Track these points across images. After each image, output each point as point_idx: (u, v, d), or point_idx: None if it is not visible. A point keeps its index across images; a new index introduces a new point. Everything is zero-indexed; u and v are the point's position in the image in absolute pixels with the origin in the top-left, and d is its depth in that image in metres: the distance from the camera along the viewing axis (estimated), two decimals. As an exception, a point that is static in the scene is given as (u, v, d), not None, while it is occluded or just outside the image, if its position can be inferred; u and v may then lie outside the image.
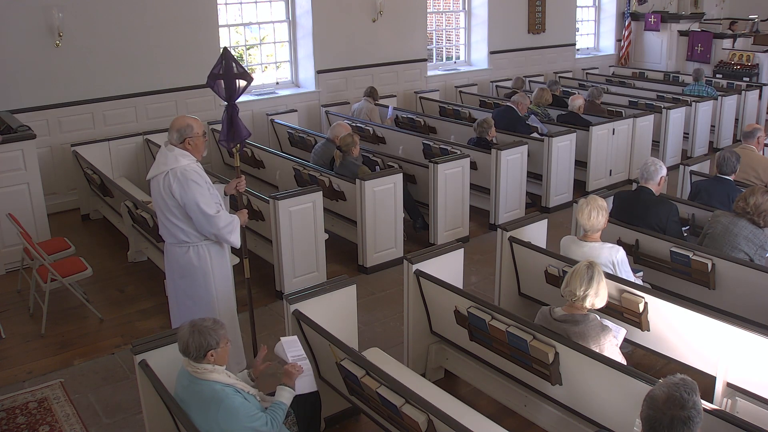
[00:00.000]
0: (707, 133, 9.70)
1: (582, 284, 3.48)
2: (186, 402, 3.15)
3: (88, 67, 7.67)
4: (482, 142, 7.24)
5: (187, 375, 3.16)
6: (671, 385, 2.18)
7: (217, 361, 3.13)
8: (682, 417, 2.11)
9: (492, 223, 6.98)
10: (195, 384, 3.12)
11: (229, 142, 4.38)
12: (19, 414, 4.19)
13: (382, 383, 3.28)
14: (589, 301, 3.51)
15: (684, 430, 2.12)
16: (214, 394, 3.08)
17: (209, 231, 4.01)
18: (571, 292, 3.52)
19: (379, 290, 5.82)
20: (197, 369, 3.11)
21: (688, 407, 2.13)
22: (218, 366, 3.14)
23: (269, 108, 9.07)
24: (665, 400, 2.15)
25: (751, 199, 4.57)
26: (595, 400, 3.39)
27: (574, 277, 3.51)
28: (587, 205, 4.21)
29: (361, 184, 5.90)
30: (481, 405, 4.04)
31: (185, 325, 3.14)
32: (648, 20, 13.46)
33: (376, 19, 9.93)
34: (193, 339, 3.08)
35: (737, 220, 4.65)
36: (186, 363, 3.15)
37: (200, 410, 3.09)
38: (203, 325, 3.12)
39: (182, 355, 3.15)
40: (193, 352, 3.08)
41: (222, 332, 3.15)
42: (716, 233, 4.72)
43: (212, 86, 4.23)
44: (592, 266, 3.52)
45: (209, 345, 3.09)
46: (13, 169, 6.16)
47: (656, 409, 2.15)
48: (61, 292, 5.43)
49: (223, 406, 3.05)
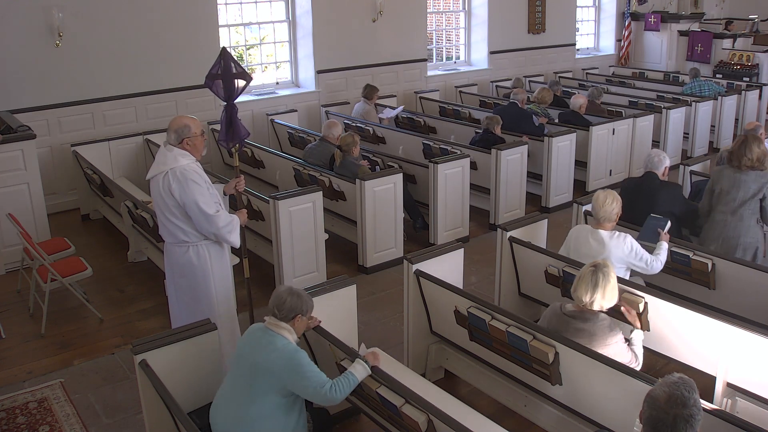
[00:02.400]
0: (707, 133, 9.70)
1: (587, 291, 3.50)
2: (250, 350, 3.29)
3: (88, 67, 7.67)
4: (489, 135, 7.26)
5: (261, 329, 3.32)
6: (671, 385, 2.17)
7: (298, 327, 3.35)
8: (685, 415, 2.11)
9: (492, 223, 6.98)
10: (269, 335, 3.28)
11: (228, 141, 4.38)
12: (19, 414, 4.19)
13: (382, 383, 3.28)
14: (597, 305, 3.53)
15: (687, 428, 2.12)
16: (288, 345, 3.26)
17: (209, 230, 4.01)
18: (578, 299, 3.54)
19: (379, 290, 5.81)
20: (278, 325, 3.29)
21: (689, 405, 2.12)
22: (294, 333, 3.32)
23: (269, 108, 9.07)
24: (667, 399, 2.14)
25: (750, 153, 4.77)
26: (595, 400, 3.40)
27: (579, 283, 3.53)
28: (604, 193, 4.32)
29: (361, 184, 5.89)
30: (481, 405, 4.04)
31: (284, 287, 3.39)
32: (648, 20, 13.46)
33: (376, 19, 9.93)
34: (291, 299, 3.30)
35: (741, 171, 4.82)
36: (268, 320, 3.32)
37: (267, 352, 3.22)
38: (300, 291, 3.37)
39: (270, 311, 3.32)
40: (285, 311, 3.29)
41: (312, 304, 3.40)
42: (724, 188, 4.88)
43: (210, 86, 4.23)
44: (597, 270, 3.51)
45: (301, 309, 3.32)
46: (13, 169, 6.16)
47: (658, 409, 2.14)
48: (61, 292, 5.43)
49: (295, 356, 3.22)
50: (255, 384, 3.23)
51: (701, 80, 10.41)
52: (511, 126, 7.74)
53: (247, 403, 3.23)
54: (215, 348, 3.62)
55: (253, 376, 3.24)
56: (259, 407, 3.22)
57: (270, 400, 3.23)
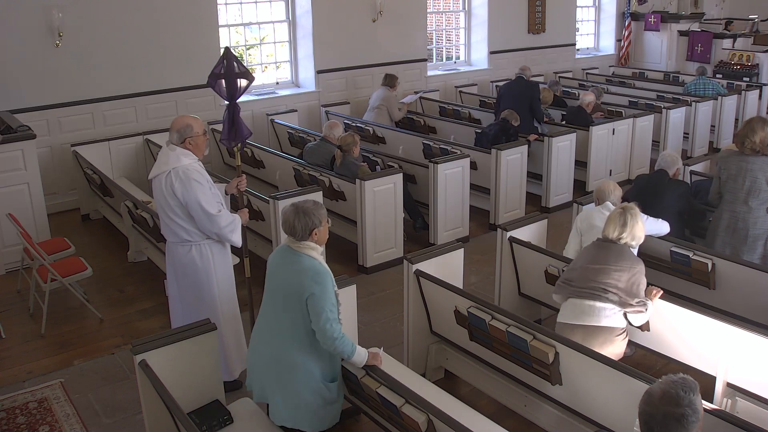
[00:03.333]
0: (707, 133, 9.70)
1: (616, 228, 3.77)
2: (278, 270, 3.33)
3: (88, 67, 7.67)
4: (506, 124, 7.39)
5: (285, 249, 3.34)
6: (669, 383, 2.17)
7: (319, 239, 3.33)
8: (676, 414, 2.08)
9: (492, 223, 6.98)
10: (294, 255, 3.28)
11: (230, 141, 4.39)
12: (19, 414, 4.19)
13: (382, 383, 3.28)
14: (624, 243, 3.77)
15: (678, 428, 2.09)
16: (313, 264, 3.26)
17: (211, 230, 4.01)
18: (606, 236, 3.79)
19: (379, 290, 5.81)
20: (300, 245, 3.29)
21: (683, 405, 2.10)
22: (318, 246, 3.31)
23: (269, 108, 9.07)
24: (660, 396, 2.14)
25: (755, 137, 4.76)
26: (595, 400, 3.40)
27: (609, 222, 3.82)
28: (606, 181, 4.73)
29: (361, 184, 5.89)
30: (481, 405, 4.04)
31: (289, 208, 3.32)
32: (648, 20, 13.46)
33: (376, 19, 9.93)
34: (299, 220, 3.26)
35: (747, 158, 4.81)
36: (289, 241, 3.33)
37: (293, 274, 3.24)
38: (305, 206, 3.30)
39: (287, 235, 3.32)
40: (300, 232, 3.27)
41: (323, 211, 3.35)
42: (731, 174, 4.88)
43: (213, 86, 4.24)
44: (626, 210, 3.79)
45: (314, 224, 3.28)
46: (13, 169, 6.16)
47: (651, 405, 2.14)
48: (61, 292, 5.43)
49: (320, 278, 3.21)
50: (287, 307, 3.27)
51: (706, 79, 10.38)
52: (521, 99, 7.93)
53: (282, 332, 3.29)
54: (215, 348, 3.62)
55: (284, 298, 3.28)
56: (293, 334, 3.27)
57: (304, 325, 3.26)
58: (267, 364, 3.39)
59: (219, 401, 3.65)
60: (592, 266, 3.77)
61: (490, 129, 7.60)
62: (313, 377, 3.35)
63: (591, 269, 3.77)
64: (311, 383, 3.35)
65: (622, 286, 3.68)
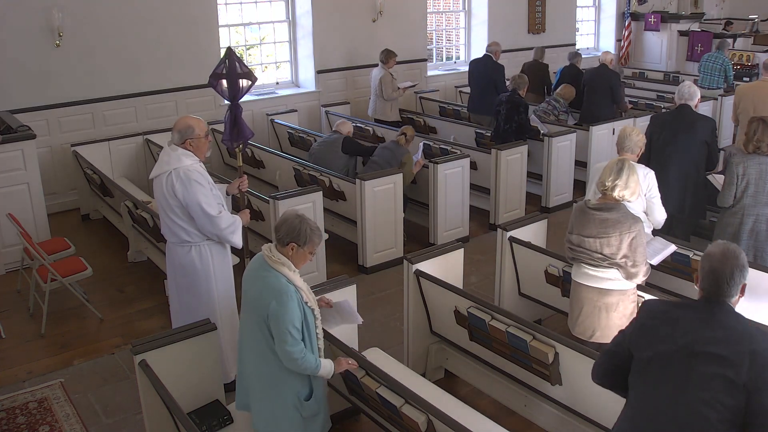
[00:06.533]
0: (707, 133, 9.67)
1: (611, 174, 3.69)
2: (248, 280, 3.28)
3: (87, 67, 7.67)
4: (515, 97, 7.33)
5: (260, 259, 3.27)
6: (719, 244, 2.48)
7: (293, 257, 3.23)
8: (740, 265, 2.43)
9: (492, 223, 6.97)
10: (264, 268, 3.21)
11: (232, 141, 4.39)
12: (19, 414, 4.19)
13: (382, 383, 3.28)
14: (618, 192, 3.68)
15: (741, 276, 2.43)
16: (278, 282, 3.15)
17: (211, 231, 4.01)
18: (601, 183, 3.74)
19: (379, 290, 5.82)
20: (272, 256, 3.20)
21: (741, 255, 2.45)
22: (291, 263, 3.21)
23: (269, 108, 9.07)
24: (722, 254, 2.43)
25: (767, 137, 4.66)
26: (595, 400, 3.39)
27: (605, 171, 3.74)
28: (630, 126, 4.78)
29: (361, 184, 5.90)
30: (481, 405, 4.04)
31: (293, 211, 3.32)
32: (648, 20, 13.46)
33: (376, 19, 9.93)
34: (290, 222, 3.20)
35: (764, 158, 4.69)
36: (267, 249, 3.25)
37: (257, 290, 3.19)
38: (307, 220, 3.24)
39: (273, 234, 3.29)
40: (282, 233, 3.20)
41: (317, 241, 3.26)
42: (752, 177, 4.70)
43: (214, 86, 4.24)
44: (622, 161, 3.75)
45: (298, 237, 3.19)
46: (13, 169, 6.16)
47: (719, 262, 2.41)
48: (61, 292, 5.43)
49: (281, 297, 3.11)
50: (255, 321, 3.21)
51: (719, 53, 10.07)
52: (485, 80, 8.33)
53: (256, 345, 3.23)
54: (215, 348, 3.62)
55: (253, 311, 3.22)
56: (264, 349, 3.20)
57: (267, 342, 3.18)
58: (250, 374, 3.33)
59: (219, 401, 3.66)
60: (586, 237, 3.71)
61: (502, 108, 7.41)
62: (288, 394, 3.25)
63: (585, 240, 3.72)
64: (288, 399, 3.25)
65: (623, 253, 3.63)
